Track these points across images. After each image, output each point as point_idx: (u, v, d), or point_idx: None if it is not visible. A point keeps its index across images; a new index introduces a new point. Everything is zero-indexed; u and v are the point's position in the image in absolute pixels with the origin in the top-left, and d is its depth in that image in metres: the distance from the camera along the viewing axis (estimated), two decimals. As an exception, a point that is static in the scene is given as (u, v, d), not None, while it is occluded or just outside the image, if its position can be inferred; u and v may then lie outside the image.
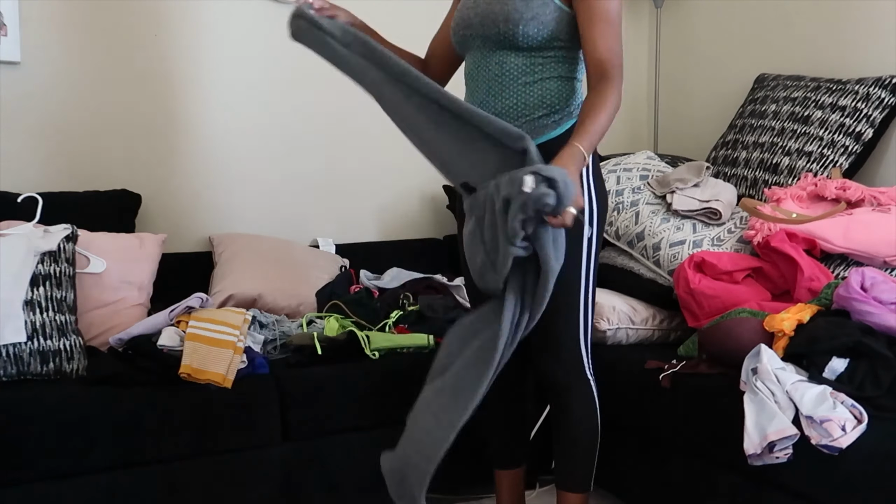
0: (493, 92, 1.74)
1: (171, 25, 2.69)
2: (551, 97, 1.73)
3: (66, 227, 2.12)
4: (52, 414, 1.76)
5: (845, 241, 2.13)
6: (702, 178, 2.49)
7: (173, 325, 2.00)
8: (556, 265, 1.51)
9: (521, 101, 1.72)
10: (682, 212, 2.42)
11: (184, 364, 1.87)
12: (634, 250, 2.43)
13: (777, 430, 1.56)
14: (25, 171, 2.49)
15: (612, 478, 2.20)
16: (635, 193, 2.51)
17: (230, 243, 2.60)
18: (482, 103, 1.75)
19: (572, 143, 1.57)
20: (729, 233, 2.38)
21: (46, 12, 2.52)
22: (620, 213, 2.49)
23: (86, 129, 2.60)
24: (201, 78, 2.75)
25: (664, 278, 2.36)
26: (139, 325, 2.02)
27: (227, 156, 2.81)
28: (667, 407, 1.96)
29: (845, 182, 2.33)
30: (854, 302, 1.75)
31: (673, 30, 3.36)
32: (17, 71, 2.49)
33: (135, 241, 2.30)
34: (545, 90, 1.73)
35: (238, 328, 1.99)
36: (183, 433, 1.86)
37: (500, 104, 1.73)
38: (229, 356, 1.91)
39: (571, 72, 1.76)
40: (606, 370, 2.20)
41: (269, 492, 1.98)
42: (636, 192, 2.52)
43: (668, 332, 2.35)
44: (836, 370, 1.67)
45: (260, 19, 2.81)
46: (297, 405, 2.01)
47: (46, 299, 2.00)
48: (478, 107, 1.69)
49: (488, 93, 1.74)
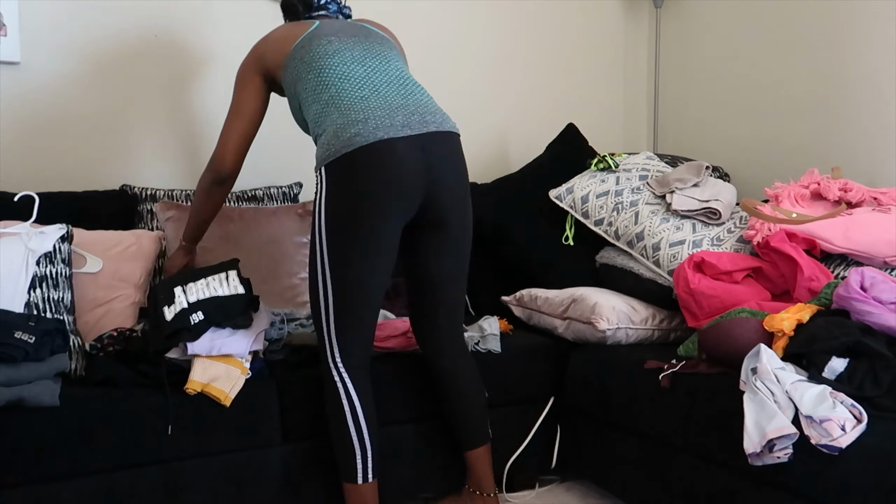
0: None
1: (171, 25, 2.69)
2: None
3: (61, 227, 2.12)
4: (51, 414, 1.75)
5: (845, 242, 2.13)
6: (701, 177, 2.50)
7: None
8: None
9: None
10: (682, 212, 2.41)
11: (191, 380, 1.87)
12: (634, 250, 2.43)
13: (776, 428, 1.56)
14: (25, 171, 2.49)
15: (612, 478, 2.20)
16: (635, 193, 2.51)
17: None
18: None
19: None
20: (728, 233, 2.39)
21: (46, 12, 2.52)
22: (620, 213, 2.49)
23: (85, 129, 2.60)
24: (201, 78, 2.76)
25: (664, 278, 2.36)
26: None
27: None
28: (667, 407, 1.96)
29: (847, 182, 2.34)
30: (854, 302, 1.75)
31: (673, 30, 3.36)
32: (17, 71, 2.49)
33: (131, 238, 2.29)
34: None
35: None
36: (183, 433, 1.86)
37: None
38: (237, 375, 1.92)
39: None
40: (606, 370, 2.21)
41: (269, 492, 1.98)
42: (636, 192, 2.52)
43: (668, 332, 2.35)
44: (836, 370, 1.67)
45: (260, 19, 2.81)
46: (297, 405, 2.01)
47: (44, 300, 2.00)
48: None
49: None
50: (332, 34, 2.01)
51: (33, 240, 2.05)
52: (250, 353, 2.00)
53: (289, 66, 2.01)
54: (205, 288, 1.99)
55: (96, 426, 1.79)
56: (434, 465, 2.19)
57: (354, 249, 1.84)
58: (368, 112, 1.85)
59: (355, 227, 1.83)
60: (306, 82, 1.96)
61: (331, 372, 1.91)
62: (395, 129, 1.83)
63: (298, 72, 1.98)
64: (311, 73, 1.95)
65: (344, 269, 1.85)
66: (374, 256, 1.85)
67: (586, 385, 2.26)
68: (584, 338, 2.33)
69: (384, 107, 1.87)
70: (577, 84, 3.42)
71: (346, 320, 1.89)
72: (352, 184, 1.82)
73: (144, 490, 1.84)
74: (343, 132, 1.83)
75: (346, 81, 1.92)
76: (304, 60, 1.97)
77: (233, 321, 1.96)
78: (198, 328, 1.91)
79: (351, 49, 1.98)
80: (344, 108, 1.88)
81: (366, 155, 1.81)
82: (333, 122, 1.87)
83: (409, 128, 1.85)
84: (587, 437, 2.28)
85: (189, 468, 1.89)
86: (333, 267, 1.85)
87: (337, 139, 1.83)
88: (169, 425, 1.83)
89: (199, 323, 1.91)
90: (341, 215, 1.83)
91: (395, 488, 2.14)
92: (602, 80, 3.49)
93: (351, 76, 1.93)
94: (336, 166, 1.83)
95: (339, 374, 1.91)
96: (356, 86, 1.91)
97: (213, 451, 1.91)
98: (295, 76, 1.99)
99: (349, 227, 1.83)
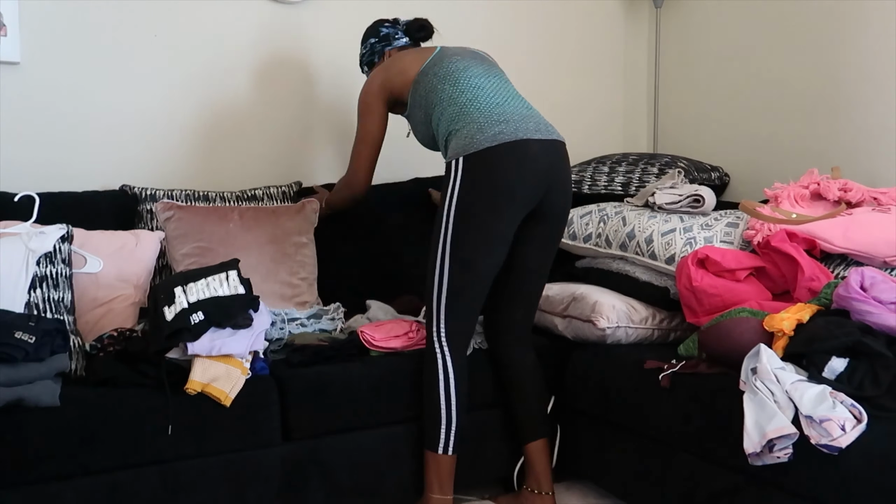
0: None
1: (171, 25, 2.69)
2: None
3: (61, 227, 2.12)
4: (51, 414, 1.75)
5: (845, 242, 2.13)
6: (677, 180, 2.59)
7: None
8: None
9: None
10: (667, 206, 2.44)
11: (192, 380, 1.87)
12: (628, 251, 2.43)
13: (776, 428, 1.56)
14: (25, 171, 2.49)
15: (611, 478, 2.20)
16: (616, 208, 2.55)
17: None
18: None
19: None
20: (715, 220, 2.38)
21: (46, 12, 2.52)
22: (607, 223, 2.51)
23: (85, 129, 2.60)
24: (202, 78, 2.75)
25: (660, 276, 2.35)
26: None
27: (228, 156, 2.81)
28: (667, 407, 1.96)
29: (847, 182, 2.34)
30: (854, 302, 1.75)
31: (673, 30, 3.36)
32: (17, 71, 2.49)
33: (131, 238, 2.29)
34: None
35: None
36: (183, 433, 1.86)
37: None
38: (237, 375, 1.92)
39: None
40: (606, 370, 2.21)
41: (269, 492, 1.98)
42: (616, 207, 2.56)
43: (668, 332, 2.35)
44: (836, 370, 1.67)
45: (260, 19, 2.82)
46: (297, 405, 2.01)
47: (44, 301, 2.00)
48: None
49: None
50: (456, 55, 2.28)
51: (33, 240, 2.05)
52: (250, 353, 2.00)
53: (420, 82, 2.26)
54: (205, 288, 1.99)
55: (96, 426, 1.79)
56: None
57: (479, 235, 2.06)
58: (506, 115, 2.11)
59: (485, 214, 2.05)
60: (441, 91, 2.20)
61: (433, 343, 2.10)
62: (530, 132, 2.09)
63: (432, 84, 2.23)
64: (447, 83, 2.20)
65: (464, 253, 2.06)
66: (496, 243, 2.08)
67: (586, 385, 2.26)
68: (583, 336, 2.33)
69: (517, 113, 2.13)
70: (577, 84, 3.41)
71: (457, 300, 2.08)
72: (490, 174, 2.05)
73: (144, 490, 1.84)
74: (486, 129, 2.07)
75: (480, 90, 2.18)
76: (438, 75, 2.23)
77: (233, 321, 1.96)
78: (198, 328, 1.91)
79: (476, 66, 2.25)
80: (483, 109, 2.12)
81: (509, 150, 2.05)
82: (474, 120, 2.10)
83: (539, 132, 2.11)
84: (587, 437, 2.28)
85: (189, 468, 1.89)
86: (455, 249, 2.06)
87: (481, 133, 2.07)
88: (169, 425, 1.83)
89: (200, 323, 1.91)
90: (472, 203, 2.05)
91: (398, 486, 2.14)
92: (602, 80, 3.48)
93: (483, 87, 2.19)
94: (476, 158, 2.05)
95: (440, 346, 2.09)
96: (490, 94, 2.17)
97: (213, 451, 1.91)
98: (428, 88, 2.24)
99: (480, 213, 2.05)
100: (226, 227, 2.43)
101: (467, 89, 2.17)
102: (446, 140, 2.17)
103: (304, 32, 2.88)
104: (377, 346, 2.19)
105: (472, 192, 2.05)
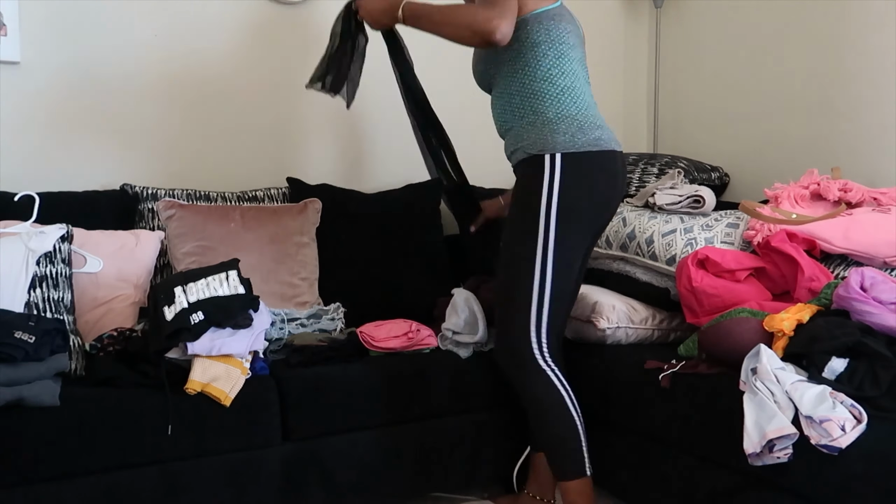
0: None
1: (170, 25, 2.69)
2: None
3: (61, 227, 2.12)
4: (51, 414, 1.75)
5: (845, 242, 2.13)
6: (677, 180, 2.58)
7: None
8: None
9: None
10: (667, 206, 2.44)
11: (191, 380, 1.87)
12: (628, 252, 2.43)
13: (776, 429, 1.56)
14: (25, 171, 2.49)
15: (611, 478, 2.20)
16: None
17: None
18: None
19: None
20: (716, 221, 2.38)
21: (46, 12, 2.52)
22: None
23: (85, 129, 2.60)
24: (201, 77, 2.75)
25: (661, 277, 2.36)
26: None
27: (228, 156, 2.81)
28: (667, 407, 1.96)
29: (847, 183, 2.34)
30: (854, 302, 1.75)
31: (673, 30, 3.36)
32: (17, 71, 2.49)
33: (131, 238, 2.29)
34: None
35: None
36: (183, 433, 1.86)
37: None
38: (237, 375, 1.92)
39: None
40: (606, 370, 2.21)
41: (269, 492, 1.98)
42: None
43: (668, 332, 2.35)
44: (836, 370, 1.67)
45: (260, 19, 2.82)
46: (297, 405, 2.01)
47: (44, 300, 2.00)
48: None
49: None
50: (570, 23, 2.03)
51: (33, 240, 2.05)
52: (250, 353, 2.00)
53: (531, 21, 1.95)
54: (205, 288, 1.99)
55: (96, 426, 1.79)
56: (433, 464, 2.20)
57: (581, 239, 1.96)
58: (601, 120, 2.00)
59: (586, 220, 1.95)
60: (544, 57, 1.96)
61: (536, 362, 1.92)
62: (618, 143, 2.01)
63: (538, 38, 1.95)
64: (552, 51, 1.96)
65: (570, 255, 1.93)
66: (586, 250, 2.02)
67: (586, 385, 2.25)
68: (583, 336, 2.33)
69: (602, 117, 2.01)
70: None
71: (560, 304, 1.96)
72: (590, 181, 1.93)
73: (144, 490, 1.84)
74: (587, 130, 1.94)
75: (578, 80, 2.00)
76: (550, 34, 1.95)
77: (233, 321, 1.96)
78: (198, 328, 1.91)
79: (578, 49, 2.05)
80: (581, 105, 1.97)
81: (608, 160, 1.96)
82: (573, 118, 1.94)
83: (620, 144, 2.02)
84: (587, 437, 2.28)
85: (189, 468, 1.89)
86: (561, 252, 1.90)
87: (582, 133, 1.93)
88: (169, 425, 1.83)
89: (200, 323, 1.91)
90: (575, 209, 1.91)
91: (398, 486, 2.14)
92: (602, 80, 3.48)
93: (581, 77, 2.02)
94: (576, 160, 1.91)
95: (546, 363, 1.93)
96: (586, 90, 2.02)
97: (213, 451, 1.91)
98: (534, 39, 1.95)
99: (582, 218, 1.94)
100: (227, 227, 2.43)
101: (568, 73, 1.97)
102: (532, 118, 1.96)
103: (304, 32, 2.89)
104: (376, 346, 2.20)
105: (575, 196, 1.90)
